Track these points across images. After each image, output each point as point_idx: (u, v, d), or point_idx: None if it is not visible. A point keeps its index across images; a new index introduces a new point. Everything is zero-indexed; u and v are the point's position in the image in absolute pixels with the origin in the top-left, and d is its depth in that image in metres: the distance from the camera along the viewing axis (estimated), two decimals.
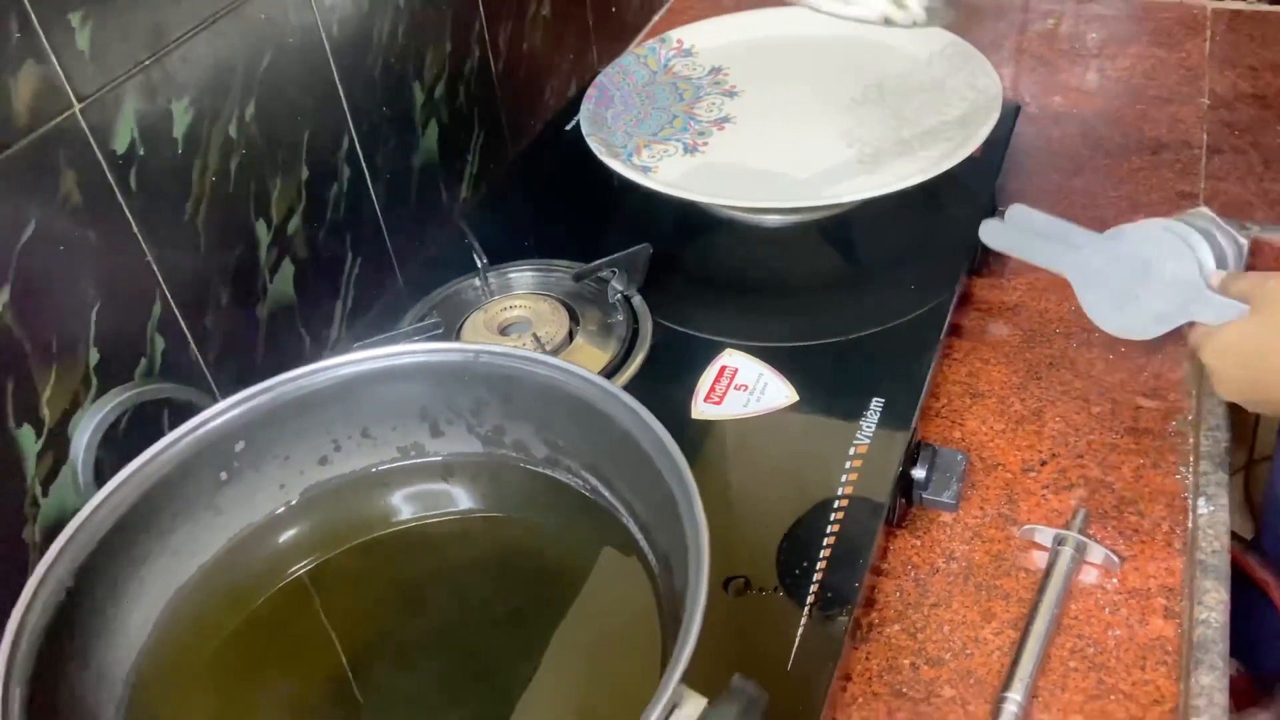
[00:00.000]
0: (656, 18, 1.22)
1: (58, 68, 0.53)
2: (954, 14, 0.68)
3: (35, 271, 0.54)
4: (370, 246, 0.80)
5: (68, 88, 0.54)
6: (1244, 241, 0.65)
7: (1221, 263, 0.63)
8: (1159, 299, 0.63)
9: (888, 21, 0.65)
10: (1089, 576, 0.59)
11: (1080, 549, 0.59)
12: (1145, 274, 0.63)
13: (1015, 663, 0.54)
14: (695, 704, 0.34)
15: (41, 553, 0.56)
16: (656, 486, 0.43)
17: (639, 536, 0.47)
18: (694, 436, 0.62)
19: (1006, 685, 0.53)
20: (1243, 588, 0.94)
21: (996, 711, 0.52)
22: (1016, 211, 0.67)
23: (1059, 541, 0.59)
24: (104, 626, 0.43)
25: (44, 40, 0.52)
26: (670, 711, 0.35)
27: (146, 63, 0.58)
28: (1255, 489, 1.07)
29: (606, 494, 0.49)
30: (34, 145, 0.53)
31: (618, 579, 0.47)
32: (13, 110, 0.52)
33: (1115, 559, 0.59)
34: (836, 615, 0.51)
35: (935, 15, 0.66)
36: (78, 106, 0.55)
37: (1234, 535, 0.83)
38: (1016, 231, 0.67)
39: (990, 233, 0.68)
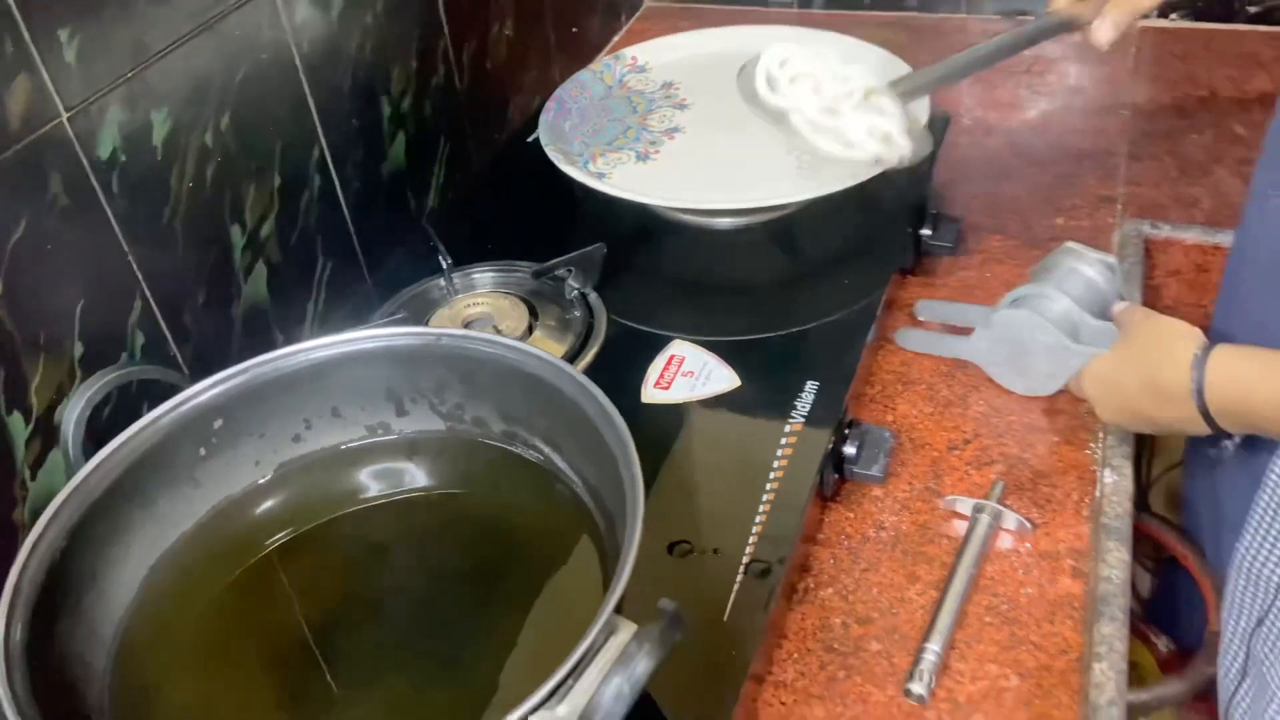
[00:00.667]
0: (616, 39, 1.28)
1: (47, 79, 0.58)
2: (930, 142, 0.78)
3: (25, 268, 0.58)
4: (340, 250, 0.84)
5: (56, 98, 0.59)
6: (1113, 260, 0.72)
7: (1092, 288, 0.71)
8: (1042, 364, 0.71)
9: (879, 161, 0.74)
10: (1005, 542, 0.64)
11: (996, 516, 0.64)
12: (1023, 350, 0.71)
13: (935, 617, 0.59)
14: (627, 629, 0.39)
15: (29, 533, 0.60)
16: (601, 450, 0.48)
17: (587, 499, 0.52)
18: (645, 419, 0.66)
19: (926, 637, 0.58)
20: (1173, 569, 1.00)
21: (917, 660, 0.57)
22: (922, 305, 0.78)
23: (977, 510, 0.65)
24: (93, 585, 0.47)
25: (35, 53, 0.57)
26: (607, 636, 0.39)
27: (129, 75, 0.63)
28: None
29: (558, 462, 0.53)
30: (25, 151, 0.57)
31: (568, 539, 0.51)
32: (6, 118, 0.56)
33: (1028, 525, 0.64)
34: (768, 572, 0.55)
35: (918, 146, 0.75)
36: (65, 115, 0.59)
37: (1163, 519, 0.89)
38: (925, 335, 0.77)
39: (907, 339, 0.78)
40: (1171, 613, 0.98)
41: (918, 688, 0.56)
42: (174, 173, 0.67)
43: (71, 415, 0.48)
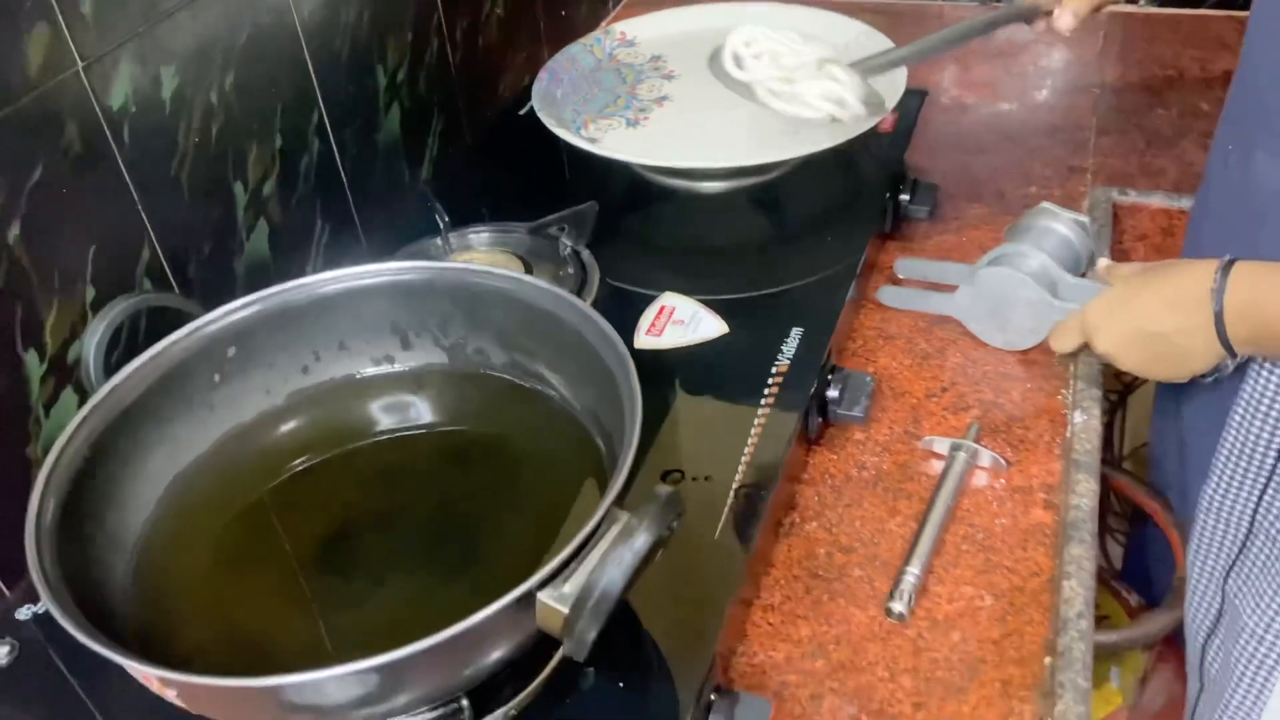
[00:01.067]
0: (604, 22, 1.31)
1: (65, 30, 0.60)
2: (883, 109, 0.82)
3: (42, 211, 0.60)
4: (338, 215, 0.87)
5: (73, 48, 0.61)
6: (1085, 219, 0.76)
7: (1067, 245, 0.75)
8: (1024, 318, 0.75)
9: (834, 119, 0.78)
10: (980, 479, 0.68)
11: (972, 454, 0.67)
12: (1005, 305, 0.75)
13: (914, 543, 0.62)
14: (623, 517, 0.41)
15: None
16: (600, 372, 0.51)
17: (587, 423, 0.54)
18: (637, 363, 0.69)
19: (906, 561, 0.61)
20: (1141, 532, 1.04)
21: (897, 582, 0.60)
22: (902, 263, 0.81)
23: (954, 449, 0.68)
24: (115, 496, 0.49)
25: (55, 4, 0.59)
26: (608, 526, 0.42)
27: (141, 30, 0.65)
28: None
29: (559, 388, 0.56)
30: (42, 97, 0.60)
31: (569, 459, 0.54)
32: (26, 66, 0.58)
33: (1003, 461, 0.67)
34: (757, 496, 0.58)
35: (872, 110, 0.80)
36: (80, 65, 0.62)
37: (1131, 474, 0.93)
38: (907, 292, 0.80)
39: (888, 295, 0.81)
40: (1142, 572, 1.01)
41: (898, 606, 0.59)
42: (181, 127, 0.70)
43: (93, 338, 0.51)
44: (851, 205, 0.86)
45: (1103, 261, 0.74)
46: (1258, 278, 0.60)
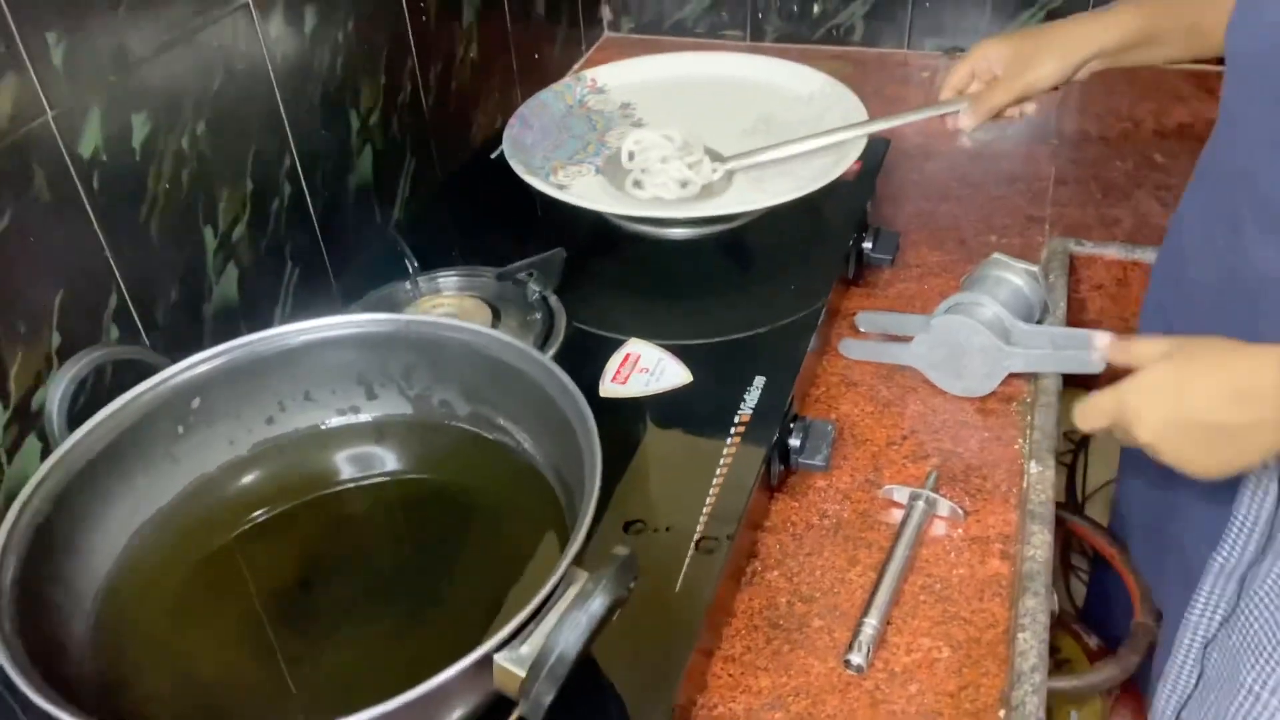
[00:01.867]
0: (576, 66, 1.33)
1: (35, 79, 0.61)
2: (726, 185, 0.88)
3: (8, 259, 0.60)
4: (308, 257, 0.87)
5: (42, 97, 0.61)
6: (1035, 269, 0.79)
7: (1019, 295, 0.78)
8: (978, 365, 0.77)
9: (685, 184, 0.87)
10: (939, 529, 0.69)
11: (930, 503, 0.68)
12: (960, 353, 0.77)
13: (873, 594, 0.63)
14: (581, 578, 0.42)
15: (3, 517, 0.62)
16: (562, 426, 0.51)
17: (549, 476, 0.55)
18: (601, 413, 0.69)
19: (865, 612, 0.62)
20: (1102, 575, 1.05)
21: (856, 633, 0.61)
22: (863, 316, 0.83)
23: (914, 498, 0.69)
24: (75, 551, 0.49)
25: (24, 54, 0.60)
26: (566, 586, 0.42)
27: (112, 79, 0.66)
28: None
29: (521, 442, 0.57)
30: (11, 147, 0.60)
31: (530, 513, 0.55)
32: None
33: (960, 511, 0.68)
34: (717, 546, 0.59)
35: (716, 188, 0.87)
36: (50, 114, 0.62)
37: (1092, 520, 0.94)
38: (867, 344, 0.82)
39: (849, 348, 0.83)
40: (1103, 614, 1.03)
41: (856, 658, 0.60)
42: (151, 174, 0.70)
43: (56, 391, 0.51)
44: (815, 252, 0.88)
45: (1105, 337, 0.69)
46: None
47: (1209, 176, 0.74)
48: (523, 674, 0.40)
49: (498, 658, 0.40)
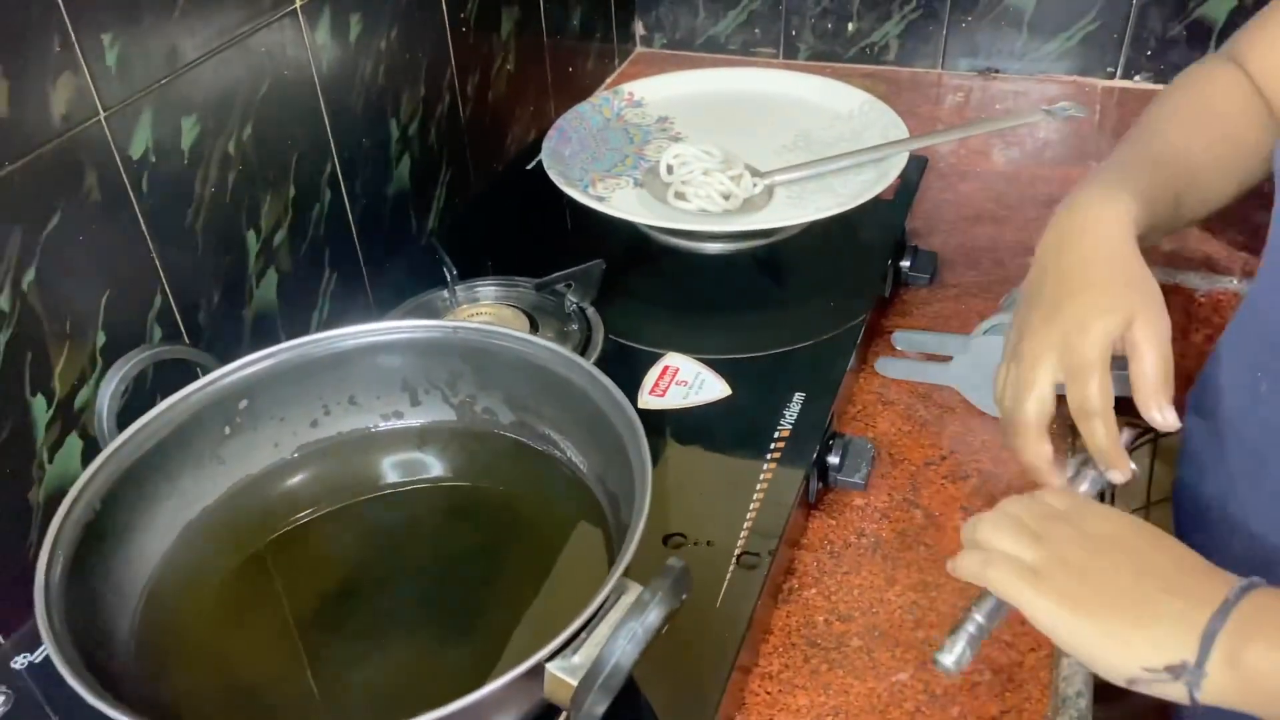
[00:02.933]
0: (609, 80, 1.34)
1: (89, 79, 0.61)
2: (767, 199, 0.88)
3: (57, 258, 0.61)
4: (346, 263, 0.87)
5: (96, 97, 0.62)
6: None
7: None
8: None
9: (727, 197, 0.86)
10: None
11: None
12: None
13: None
14: (634, 589, 0.42)
15: (44, 514, 0.63)
16: (608, 436, 0.51)
17: (593, 485, 0.55)
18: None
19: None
20: None
21: (955, 629, 0.54)
22: (900, 335, 0.82)
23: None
24: (122, 547, 0.49)
25: (80, 54, 0.60)
26: (617, 597, 0.42)
27: (164, 81, 0.66)
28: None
29: (566, 450, 0.57)
30: (64, 145, 0.60)
31: (574, 522, 0.54)
32: (49, 114, 0.59)
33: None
34: (758, 562, 0.59)
35: (757, 200, 0.87)
36: (103, 115, 0.63)
37: None
38: (905, 363, 0.81)
39: (887, 367, 0.82)
40: None
41: (947, 659, 0.51)
42: (198, 176, 0.70)
43: (106, 389, 0.51)
44: (853, 270, 0.87)
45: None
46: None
47: (1252, 333, 0.66)
48: (575, 683, 0.39)
49: (550, 667, 0.40)
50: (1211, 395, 0.68)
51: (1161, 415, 0.55)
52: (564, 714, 0.41)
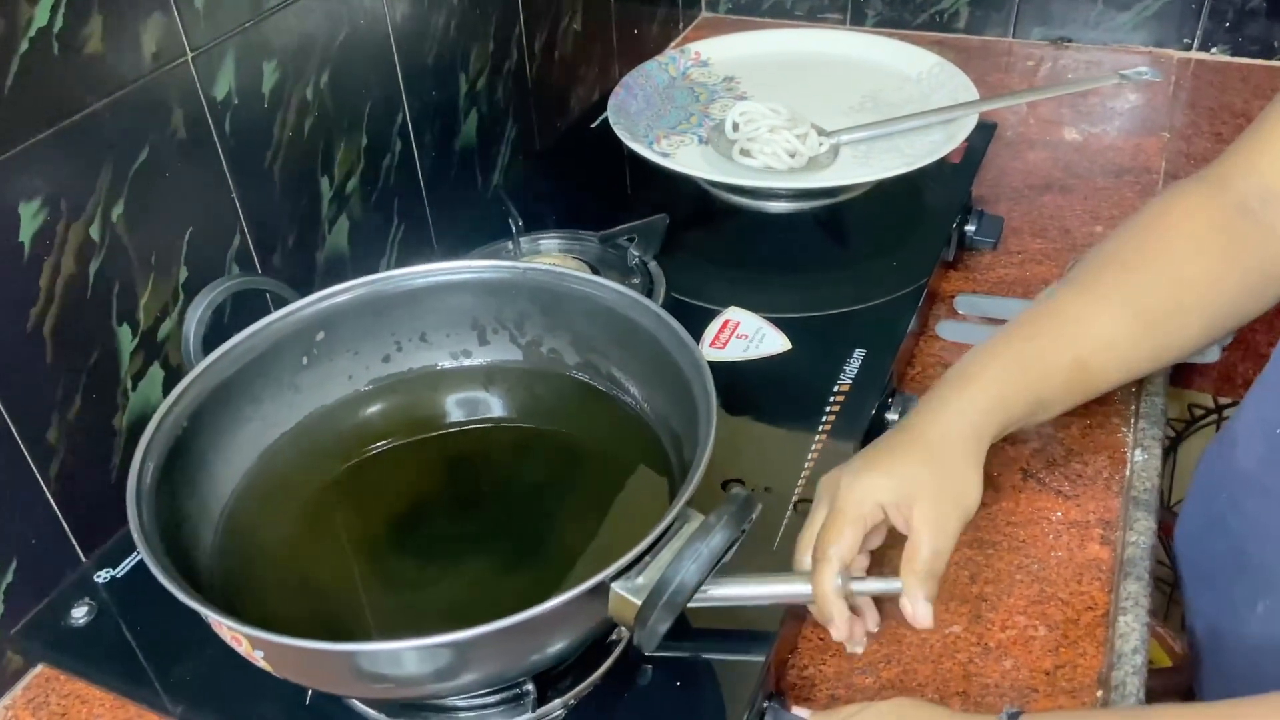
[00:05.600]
0: (673, 44, 1.34)
1: (178, 20, 0.63)
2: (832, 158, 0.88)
3: (145, 192, 0.63)
4: (413, 215, 0.89)
5: (184, 38, 0.64)
6: None
7: None
8: None
9: (793, 155, 0.86)
10: (1037, 507, 0.68)
11: None
12: None
13: None
14: (698, 517, 0.43)
15: (127, 440, 0.65)
16: (673, 377, 0.52)
17: (656, 425, 0.56)
18: None
19: None
20: None
21: None
22: (963, 299, 0.82)
23: None
24: (206, 465, 0.51)
25: None
26: (681, 524, 0.43)
27: (247, 25, 0.68)
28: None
29: (631, 391, 0.58)
30: (154, 83, 0.62)
31: (638, 461, 0.55)
32: (140, 52, 0.61)
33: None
34: None
35: (822, 159, 0.87)
36: (190, 55, 0.65)
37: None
38: (967, 326, 0.81)
39: (948, 330, 0.82)
40: None
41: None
42: (277, 120, 0.72)
43: (194, 314, 0.53)
44: (917, 233, 0.87)
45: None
46: None
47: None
48: (639, 602, 0.40)
49: (615, 586, 0.41)
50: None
51: (913, 606, 0.52)
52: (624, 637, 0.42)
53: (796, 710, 0.52)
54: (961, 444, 0.55)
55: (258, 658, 0.42)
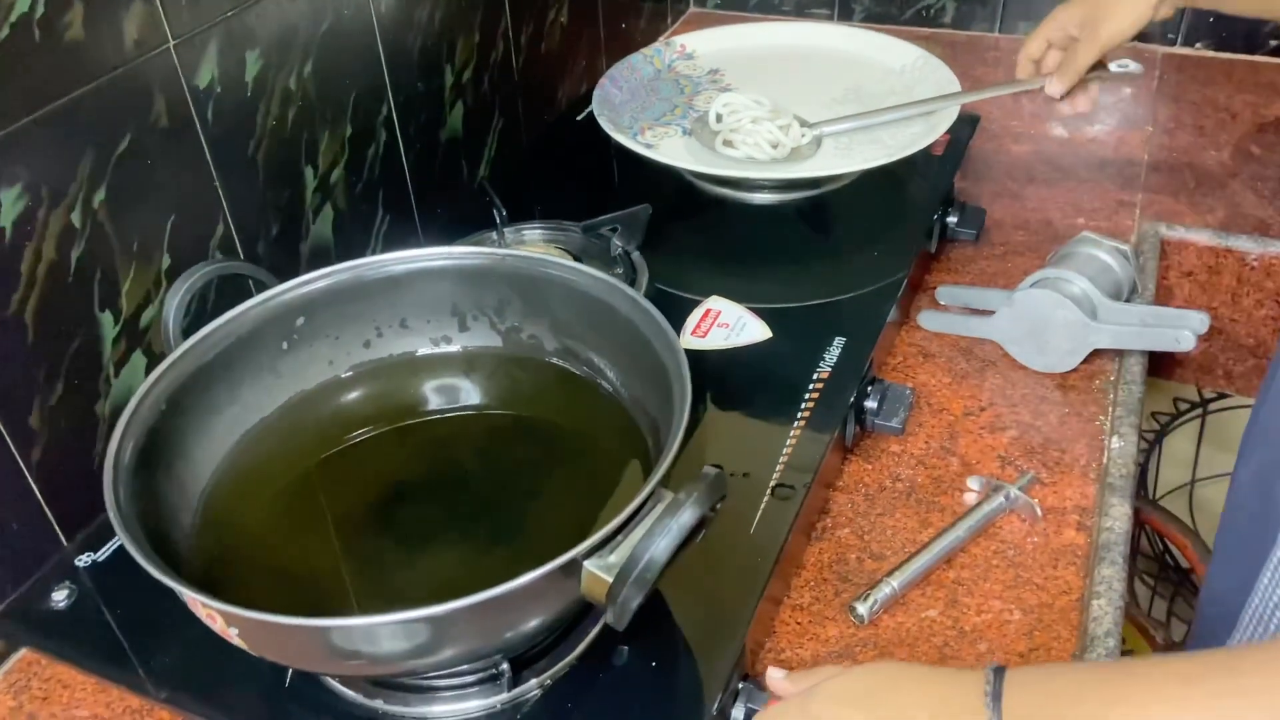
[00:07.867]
0: (662, 37, 1.34)
1: (160, 7, 0.63)
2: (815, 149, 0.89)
3: (127, 179, 0.63)
4: (399, 205, 0.89)
5: (166, 26, 0.64)
6: (1126, 247, 0.78)
7: (1108, 272, 0.77)
8: (1062, 341, 0.76)
9: (775, 146, 0.87)
10: (1010, 521, 0.68)
11: (1011, 500, 0.67)
12: (1044, 327, 0.76)
13: (908, 560, 0.62)
14: (669, 495, 0.43)
15: (108, 426, 0.66)
16: (650, 361, 0.52)
17: (632, 408, 0.56)
18: None
19: (891, 572, 0.61)
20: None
21: (873, 588, 0.60)
22: (943, 290, 0.83)
23: (995, 489, 0.67)
24: (185, 448, 0.52)
25: None
26: (654, 504, 0.43)
27: (230, 13, 0.68)
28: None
29: (609, 376, 0.58)
30: (135, 70, 0.63)
31: (614, 445, 0.56)
32: (121, 38, 0.62)
33: (1038, 511, 0.66)
34: (792, 494, 0.60)
35: (805, 149, 0.87)
36: (172, 43, 0.65)
37: (1166, 511, 0.92)
38: (947, 316, 0.82)
39: (929, 319, 0.82)
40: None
41: (862, 608, 0.60)
42: (260, 109, 0.73)
43: (174, 299, 0.53)
44: (899, 224, 0.87)
45: (1204, 322, 0.72)
46: (1031, 688, 0.45)
47: None
48: (610, 579, 0.41)
49: (587, 563, 0.41)
50: None
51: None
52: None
53: (771, 670, 0.53)
54: None
55: (233, 635, 0.42)
